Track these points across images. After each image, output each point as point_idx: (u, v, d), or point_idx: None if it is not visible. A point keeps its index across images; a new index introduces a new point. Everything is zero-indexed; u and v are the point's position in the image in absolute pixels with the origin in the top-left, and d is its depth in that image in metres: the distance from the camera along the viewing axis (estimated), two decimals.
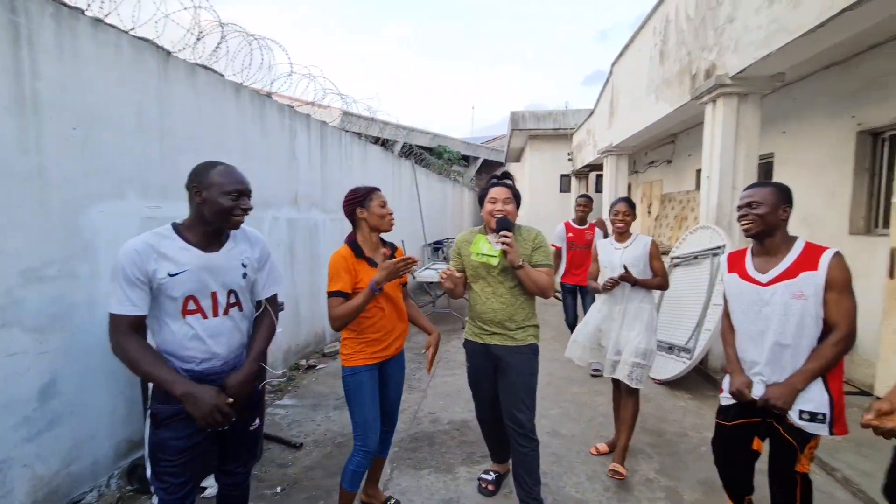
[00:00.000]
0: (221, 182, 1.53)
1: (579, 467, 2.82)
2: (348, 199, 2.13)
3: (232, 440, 1.69)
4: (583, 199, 4.80)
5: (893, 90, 3.77)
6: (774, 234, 1.78)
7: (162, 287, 1.47)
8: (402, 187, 8.64)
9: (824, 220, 4.52)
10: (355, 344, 2.11)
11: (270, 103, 4.08)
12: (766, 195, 1.78)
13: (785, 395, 1.68)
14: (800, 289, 1.69)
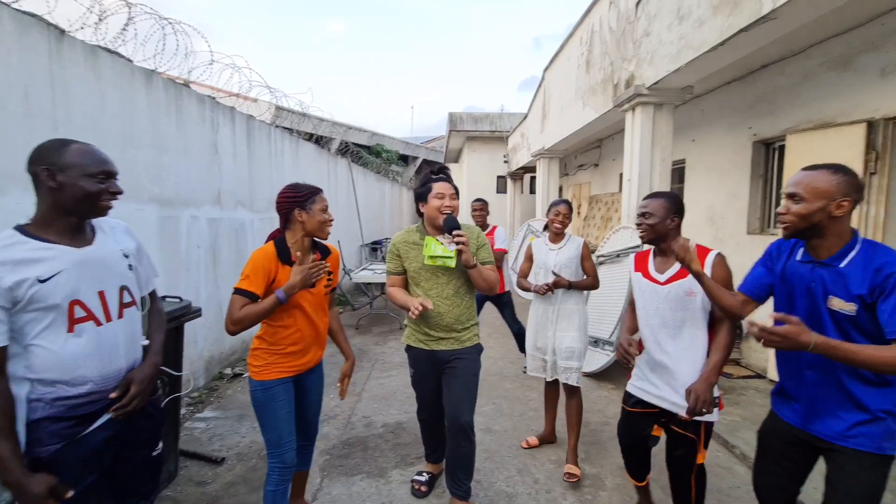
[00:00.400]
0: (82, 163, 1.30)
1: (510, 462, 2.89)
2: (286, 197, 1.92)
3: (129, 471, 1.47)
4: (478, 203, 4.43)
5: (780, 105, 4.24)
6: (666, 240, 1.98)
7: (34, 298, 1.22)
8: (339, 186, 8.41)
9: (727, 220, 4.99)
10: (268, 355, 1.93)
11: (189, 93, 3.80)
12: (657, 207, 1.99)
13: (706, 393, 1.80)
14: (690, 287, 1.90)
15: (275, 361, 1.93)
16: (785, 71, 4.17)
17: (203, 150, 4.00)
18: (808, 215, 1.44)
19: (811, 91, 3.91)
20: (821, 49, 3.80)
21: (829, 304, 1.44)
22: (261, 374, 1.92)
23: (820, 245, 1.49)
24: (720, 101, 5.12)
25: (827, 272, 1.47)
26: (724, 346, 1.86)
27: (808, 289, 1.50)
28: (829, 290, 1.45)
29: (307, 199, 1.92)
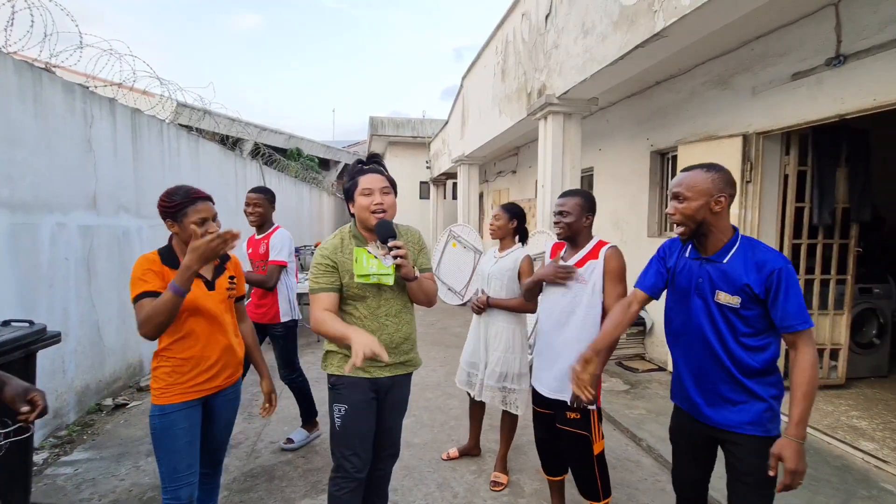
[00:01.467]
0: None
1: (430, 477, 2.78)
2: (159, 205, 1.71)
3: None
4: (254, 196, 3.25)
5: (672, 118, 4.62)
6: (579, 236, 2.11)
7: None
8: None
9: (630, 223, 5.35)
10: (167, 375, 1.71)
11: (51, 80, 3.24)
12: (573, 206, 2.07)
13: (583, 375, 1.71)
14: (582, 274, 2.02)
15: (176, 382, 1.71)
16: (674, 87, 4.56)
17: (72, 146, 3.44)
18: (693, 214, 1.52)
19: (697, 107, 4.30)
20: (703, 69, 4.19)
21: (716, 298, 1.52)
22: (161, 398, 1.70)
23: (706, 241, 1.57)
24: (622, 114, 5.48)
25: (713, 268, 1.54)
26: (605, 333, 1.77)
27: (698, 284, 1.58)
28: (716, 285, 1.52)
29: (178, 209, 1.67)
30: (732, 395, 1.53)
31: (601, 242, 2.08)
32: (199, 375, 1.75)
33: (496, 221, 2.66)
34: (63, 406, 3.30)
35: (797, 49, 3.33)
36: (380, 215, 1.74)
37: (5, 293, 2.81)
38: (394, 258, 1.69)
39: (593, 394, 1.63)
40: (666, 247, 1.75)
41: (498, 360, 2.57)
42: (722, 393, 1.54)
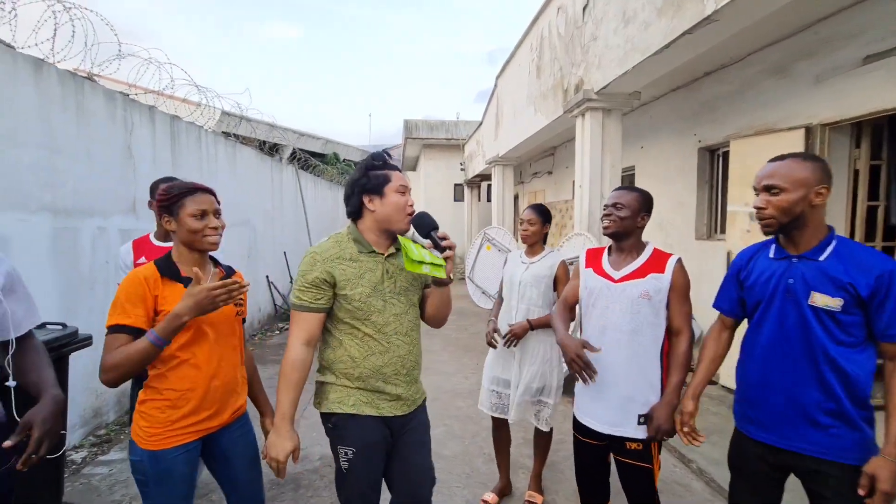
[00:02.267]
0: None
1: (460, 493, 2.64)
2: (157, 199, 1.51)
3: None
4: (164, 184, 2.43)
5: (723, 112, 4.29)
6: (630, 237, 1.82)
7: None
8: (285, 195, 7.97)
9: (675, 226, 5.02)
10: (160, 412, 1.43)
11: (93, 88, 3.35)
12: (630, 200, 1.80)
13: (669, 417, 1.66)
14: (646, 289, 1.73)
15: (172, 420, 1.42)
16: (726, 78, 4.23)
17: (113, 152, 3.54)
18: (790, 207, 1.35)
19: (751, 98, 3.96)
20: (759, 57, 3.86)
21: (811, 300, 1.34)
22: (152, 442, 1.41)
23: (799, 238, 1.39)
24: (667, 108, 5.16)
25: (807, 267, 1.37)
26: (683, 364, 1.71)
27: (787, 287, 1.39)
28: (811, 286, 1.34)
29: (174, 201, 1.47)
30: (825, 417, 1.33)
31: (662, 253, 1.81)
32: (202, 411, 1.47)
33: (531, 226, 2.43)
34: (103, 405, 3.39)
35: (870, 29, 2.98)
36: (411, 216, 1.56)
37: (48, 296, 2.90)
38: (442, 251, 1.47)
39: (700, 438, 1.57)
40: (739, 262, 1.58)
41: (535, 375, 2.37)
42: (812, 414, 1.35)
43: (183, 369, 1.44)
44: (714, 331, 1.67)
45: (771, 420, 1.43)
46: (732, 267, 1.60)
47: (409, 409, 1.60)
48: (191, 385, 1.45)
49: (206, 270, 1.54)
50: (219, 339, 1.51)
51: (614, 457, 1.83)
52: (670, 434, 1.67)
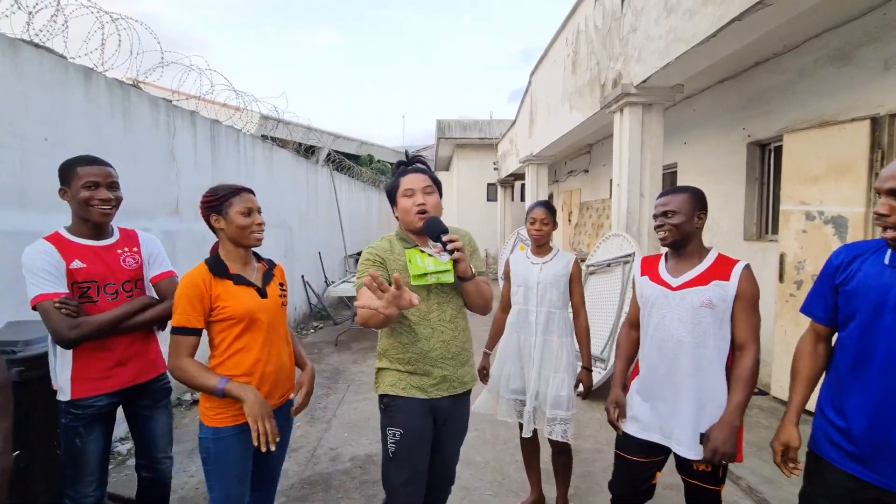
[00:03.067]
0: None
1: (491, 501, 2.57)
2: (202, 202, 1.66)
3: None
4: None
5: (775, 104, 4.01)
6: (689, 243, 1.67)
7: None
8: (320, 196, 8.12)
9: (722, 225, 4.74)
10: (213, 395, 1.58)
11: (139, 95, 3.49)
12: (681, 203, 1.65)
13: (728, 439, 1.53)
14: (709, 297, 1.59)
15: (229, 402, 1.56)
16: (779, 67, 3.95)
17: (156, 156, 3.68)
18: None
19: (808, 88, 3.67)
20: (817, 43, 3.57)
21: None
22: (213, 420, 1.56)
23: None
24: (712, 101, 4.89)
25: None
26: (747, 381, 1.55)
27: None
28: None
29: (223, 201, 1.61)
30: None
31: (727, 259, 1.66)
32: None
33: (544, 227, 2.27)
34: None
35: None
36: (423, 216, 1.64)
37: None
38: (449, 252, 1.56)
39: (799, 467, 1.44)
40: (837, 262, 1.38)
41: (562, 383, 2.21)
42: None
43: (238, 357, 1.59)
44: (807, 343, 1.46)
45: (879, 454, 1.24)
46: (828, 267, 1.40)
47: (457, 391, 1.70)
48: (245, 371, 1.59)
49: (251, 265, 1.71)
50: (269, 329, 1.65)
51: (681, 476, 1.70)
52: (730, 458, 1.53)
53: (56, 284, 1.64)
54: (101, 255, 1.78)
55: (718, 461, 1.53)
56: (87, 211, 1.73)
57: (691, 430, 1.59)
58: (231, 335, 1.58)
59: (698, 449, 1.58)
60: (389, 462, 1.65)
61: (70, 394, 1.70)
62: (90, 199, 1.72)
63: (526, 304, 2.29)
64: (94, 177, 1.73)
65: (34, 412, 1.87)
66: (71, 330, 1.61)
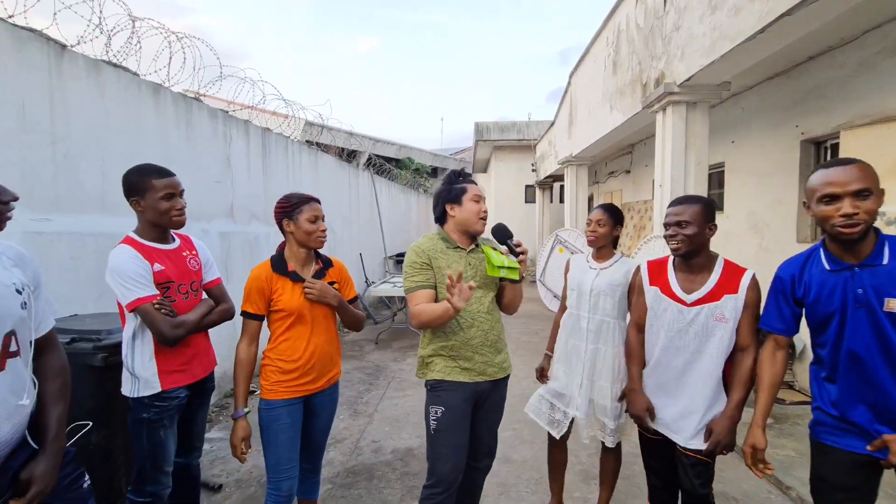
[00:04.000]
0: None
1: (528, 498, 2.61)
2: (277, 208, 1.93)
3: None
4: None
5: (831, 100, 3.82)
6: (700, 254, 1.75)
7: None
8: (361, 199, 8.37)
9: (772, 227, 4.54)
10: (272, 373, 1.87)
11: (199, 107, 3.78)
12: (694, 214, 1.71)
13: (730, 432, 1.69)
14: (722, 312, 1.69)
15: (280, 380, 1.86)
16: (835, 61, 3.76)
17: (214, 163, 3.96)
18: (876, 211, 1.32)
19: (867, 82, 3.48)
20: (877, 34, 3.39)
21: (886, 306, 1.30)
22: (267, 394, 1.87)
23: (855, 246, 1.36)
24: (762, 98, 4.70)
25: (869, 274, 1.34)
26: (747, 381, 1.68)
27: (855, 297, 1.34)
28: (883, 292, 1.32)
29: (294, 208, 1.88)
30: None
31: (733, 267, 1.73)
32: (302, 377, 1.88)
33: (600, 228, 2.20)
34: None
35: None
36: (484, 221, 1.88)
37: None
38: (517, 256, 1.79)
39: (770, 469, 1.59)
40: (786, 277, 1.53)
41: (608, 393, 2.16)
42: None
43: (287, 344, 1.87)
44: (767, 353, 1.60)
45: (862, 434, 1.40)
46: (778, 283, 1.55)
47: (496, 377, 1.88)
48: (292, 357, 1.86)
49: (310, 265, 1.96)
50: (314, 322, 1.91)
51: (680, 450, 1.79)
52: (730, 448, 1.69)
53: (149, 287, 1.74)
54: (172, 257, 1.90)
55: (720, 451, 1.68)
56: (168, 220, 1.84)
57: (696, 425, 1.73)
58: (283, 326, 1.87)
59: (701, 441, 1.71)
60: (431, 439, 1.84)
61: (160, 386, 1.78)
62: (170, 209, 1.83)
63: (578, 309, 2.25)
64: (171, 188, 1.84)
65: (116, 394, 2.09)
66: (174, 329, 1.74)
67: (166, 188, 1.83)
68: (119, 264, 1.72)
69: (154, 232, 1.87)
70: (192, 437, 2.07)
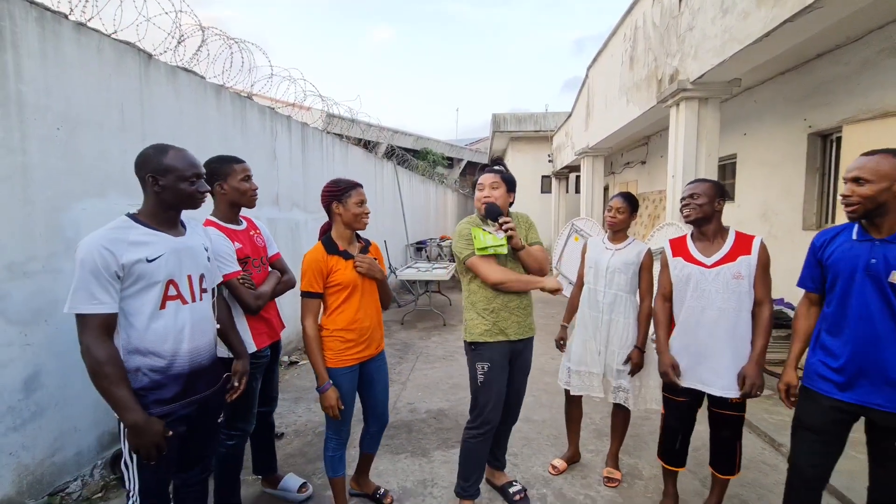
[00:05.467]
0: (177, 168, 1.53)
1: (547, 449, 2.99)
2: (327, 191, 2.10)
3: (197, 437, 1.65)
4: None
5: (837, 95, 4.05)
6: (711, 222, 2.08)
7: (142, 275, 1.43)
8: (385, 188, 8.76)
9: (781, 216, 4.80)
10: (330, 342, 2.06)
11: (251, 105, 4.18)
12: (705, 189, 2.08)
13: (759, 374, 1.98)
14: (738, 270, 2.00)
15: (341, 349, 2.05)
16: (841, 59, 3.99)
17: (263, 156, 4.37)
18: (874, 196, 1.54)
19: (870, 79, 3.72)
20: (881, 35, 3.61)
21: (891, 278, 1.53)
22: (330, 361, 2.05)
23: (882, 223, 1.58)
24: (773, 93, 4.93)
25: (888, 248, 1.56)
26: (767, 329, 1.99)
27: (867, 266, 1.58)
28: (892, 265, 1.53)
29: (344, 192, 2.06)
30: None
31: (744, 235, 2.06)
32: (358, 344, 2.08)
33: (619, 214, 2.50)
34: None
35: None
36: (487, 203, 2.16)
37: None
38: (504, 231, 2.08)
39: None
40: (818, 240, 1.78)
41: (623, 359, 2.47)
42: (890, 376, 1.55)
43: (347, 315, 2.08)
44: (803, 307, 1.87)
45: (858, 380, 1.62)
46: (812, 248, 1.80)
47: (526, 335, 2.25)
48: (346, 325, 2.07)
49: (354, 244, 2.17)
50: (364, 293, 2.13)
51: (715, 411, 2.11)
52: (761, 389, 1.97)
53: (234, 264, 2.03)
54: (245, 236, 2.18)
55: (754, 393, 1.96)
56: (248, 199, 2.17)
57: (731, 375, 2.02)
58: (340, 298, 2.07)
59: (736, 388, 2.01)
60: (479, 389, 2.18)
61: (255, 346, 2.12)
62: (248, 190, 2.16)
63: (595, 284, 2.55)
64: (247, 171, 2.17)
65: None
66: (256, 300, 2.08)
67: (244, 171, 2.16)
68: (212, 244, 1.89)
69: (231, 213, 2.16)
70: (271, 390, 2.44)
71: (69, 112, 2.44)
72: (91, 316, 1.37)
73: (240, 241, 2.14)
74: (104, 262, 1.37)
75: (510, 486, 2.46)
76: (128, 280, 1.42)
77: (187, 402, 1.55)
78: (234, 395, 1.82)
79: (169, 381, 1.50)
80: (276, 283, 2.27)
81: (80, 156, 2.51)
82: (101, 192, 2.65)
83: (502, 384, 2.20)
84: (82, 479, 2.47)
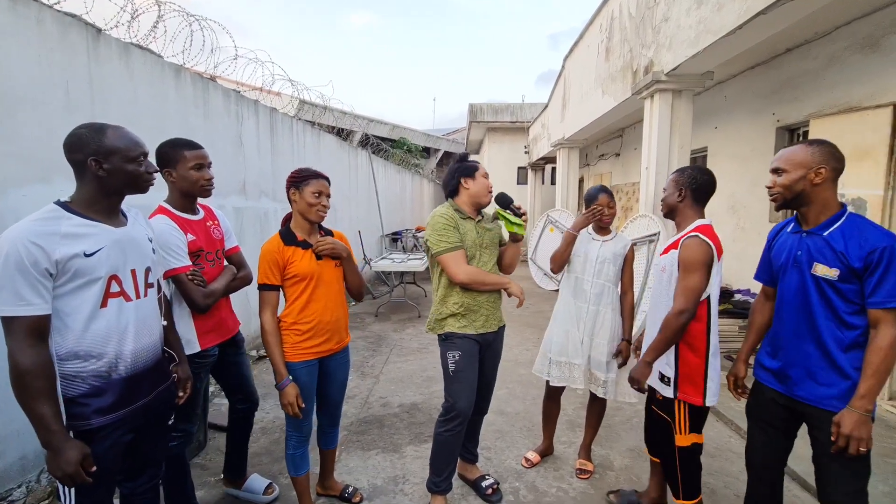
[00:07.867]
0: (123, 148, 1.36)
1: (521, 442, 2.97)
2: (290, 177, 2.01)
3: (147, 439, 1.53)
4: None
5: (804, 90, 4.13)
6: (676, 215, 2.02)
7: (79, 271, 1.28)
8: (359, 178, 8.57)
9: (749, 208, 4.90)
10: (292, 336, 1.98)
11: (214, 87, 3.97)
12: (670, 182, 2.03)
13: (639, 372, 1.96)
14: (664, 264, 1.96)
15: (298, 342, 1.97)
16: (809, 54, 4.06)
17: (228, 142, 4.17)
18: (790, 185, 1.57)
19: (836, 74, 3.80)
20: (847, 31, 3.69)
21: (813, 270, 1.54)
22: (288, 355, 1.97)
23: (808, 214, 1.58)
24: (743, 87, 5.00)
25: (812, 240, 1.56)
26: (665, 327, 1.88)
27: (795, 258, 1.60)
28: (814, 257, 1.54)
29: (303, 180, 1.97)
30: (821, 372, 1.53)
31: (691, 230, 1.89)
32: (317, 337, 1.99)
33: (609, 210, 2.44)
34: None
35: None
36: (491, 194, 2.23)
37: None
38: (520, 216, 2.18)
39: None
40: (770, 235, 1.80)
41: (608, 350, 2.44)
42: (811, 369, 1.55)
43: (304, 307, 1.98)
44: (759, 301, 1.87)
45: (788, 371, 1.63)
46: (767, 241, 1.81)
47: (495, 328, 2.24)
48: (308, 318, 1.98)
49: (314, 236, 2.05)
50: (326, 286, 2.02)
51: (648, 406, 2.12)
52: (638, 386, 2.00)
53: (184, 258, 1.89)
54: (200, 227, 2.03)
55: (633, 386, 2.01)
56: (198, 189, 1.97)
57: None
58: (298, 290, 1.96)
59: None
60: (451, 377, 2.15)
61: (199, 346, 1.99)
62: (200, 179, 1.97)
63: (583, 273, 2.48)
64: (200, 159, 1.97)
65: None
66: (205, 298, 1.93)
67: (196, 159, 1.96)
68: (159, 235, 1.77)
69: (184, 202, 2.00)
70: (245, 384, 2.30)
71: (4, 88, 2.23)
72: (18, 319, 1.21)
73: (193, 233, 1.98)
74: (32, 258, 1.20)
75: (482, 479, 2.43)
76: (62, 277, 1.26)
77: (131, 409, 1.41)
78: (180, 402, 1.68)
79: (110, 386, 1.36)
80: (230, 279, 2.12)
81: (18, 138, 2.30)
82: (46, 177, 2.45)
83: (473, 373, 2.17)
84: (27, 486, 2.31)
